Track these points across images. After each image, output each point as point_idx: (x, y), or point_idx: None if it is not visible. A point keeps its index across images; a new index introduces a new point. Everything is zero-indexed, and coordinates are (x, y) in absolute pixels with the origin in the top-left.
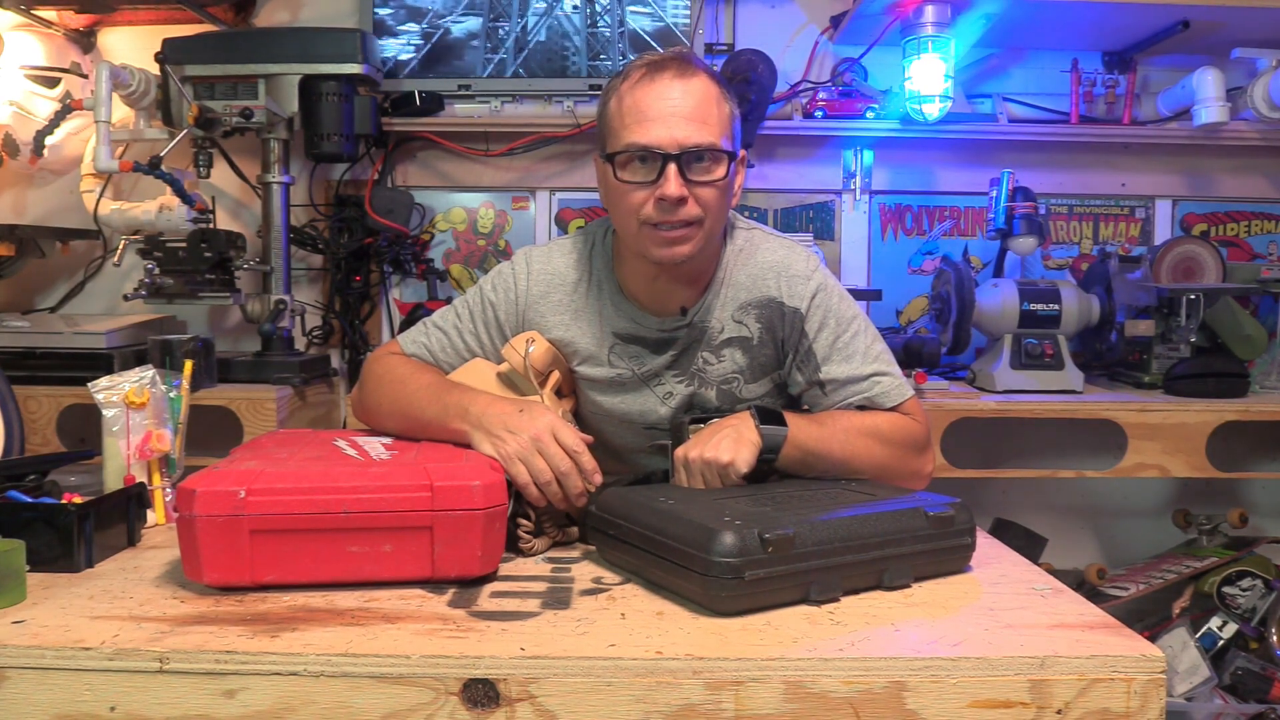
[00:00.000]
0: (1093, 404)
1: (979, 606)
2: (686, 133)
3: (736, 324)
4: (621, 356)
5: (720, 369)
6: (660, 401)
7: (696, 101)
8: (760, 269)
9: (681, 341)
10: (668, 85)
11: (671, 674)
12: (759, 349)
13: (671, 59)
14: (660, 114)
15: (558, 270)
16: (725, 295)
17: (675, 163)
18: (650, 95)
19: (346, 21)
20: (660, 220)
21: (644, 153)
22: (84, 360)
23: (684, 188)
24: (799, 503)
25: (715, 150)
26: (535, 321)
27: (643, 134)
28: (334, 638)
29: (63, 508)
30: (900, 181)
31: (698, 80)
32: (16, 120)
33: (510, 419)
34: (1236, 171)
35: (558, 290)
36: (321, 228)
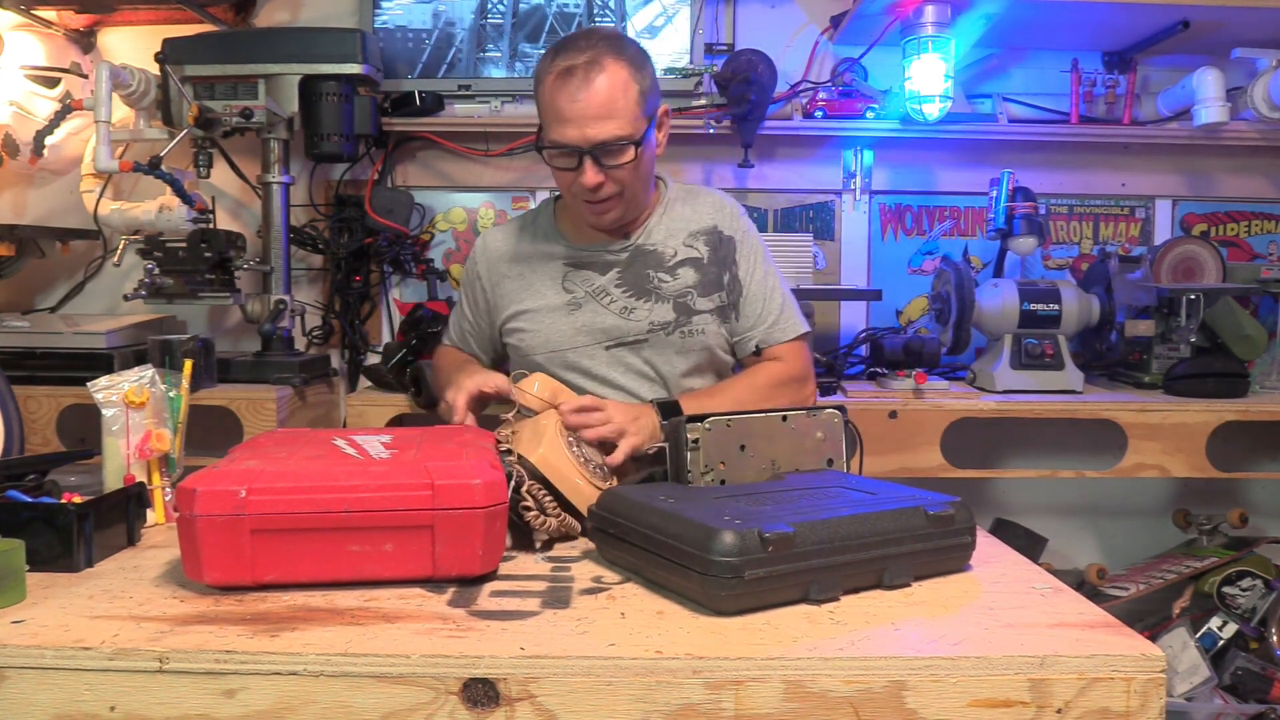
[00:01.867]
0: (1093, 404)
1: (979, 606)
2: (595, 130)
3: (688, 247)
4: (574, 281)
5: (675, 285)
6: (618, 318)
7: (602, 99)
8: (703, 206)
9: (625, 261)
10: (576, 88)
11: (671, 673)
12: (708, 267)
13: (581, 63)
14: (571, 115)
15: (509, 234)
16: (669, 225)
17: (589, 156)
18: (562, 98)
19: (346, 21)
20: (587, 198)
21: (563, 149)
22: (84, 360)
23: (599, 174)
24: (799, 502)
25: (621, 140)
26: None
27: (560, 133)
28: (334, 637)
29: (62, 507)
30: (900, 181)
31: (603, 77)
32: (16, 120)
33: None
34: (1236, 171)
35: (507, 251)
36: (321, 228)
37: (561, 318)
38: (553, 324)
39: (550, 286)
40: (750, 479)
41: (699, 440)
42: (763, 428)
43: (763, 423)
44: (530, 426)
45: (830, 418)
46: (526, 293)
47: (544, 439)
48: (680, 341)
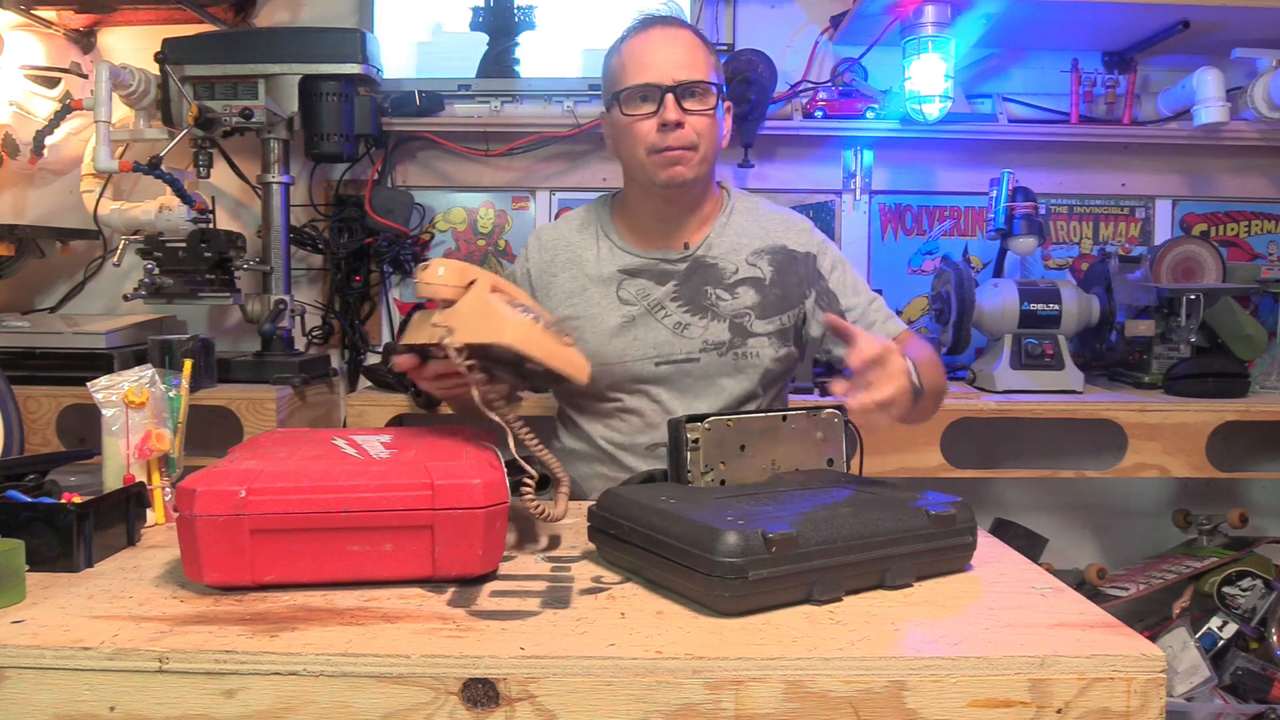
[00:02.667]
0: (1093, 404)
1: (979, 606)
2: (679, 70)
3: (750, 265)
4: (629, 291)
5: (734, 305)
6: (672, 333)
7: (685, 46)
8: (770, 222)
9: (684, 273)
10: (660, 34)
11: (671, 673)
12: (770, 289)
13: (659, 16)
14: (655, 58)
15: (562, 233)
16: (731, 240)
17: (672, 93)
18: (643, 44)
19: (346, 21)
20: (663, 145)
21: (645, 90)
22: (84, 360)
23: (680, 114)
24: (801, 502)
25: (705, 84)
26: (548, 280)
27: (642, 74)
28: (334, 637)
29: (62, 507)
30: (900, 181)
31: (684, 31)
32: (16, 120)
33: None
34: (1236, 171)
35: (565, 249)
36: (321, 228)
37: (613, 329)
38: (603, 335)
39: (604, 295)
40: (750, 479)
41: (699, 440)
42: (763, 428)
43: (763, 423)
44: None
45: (830, 418)
46: (579, 298)
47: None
48: (733, 363)
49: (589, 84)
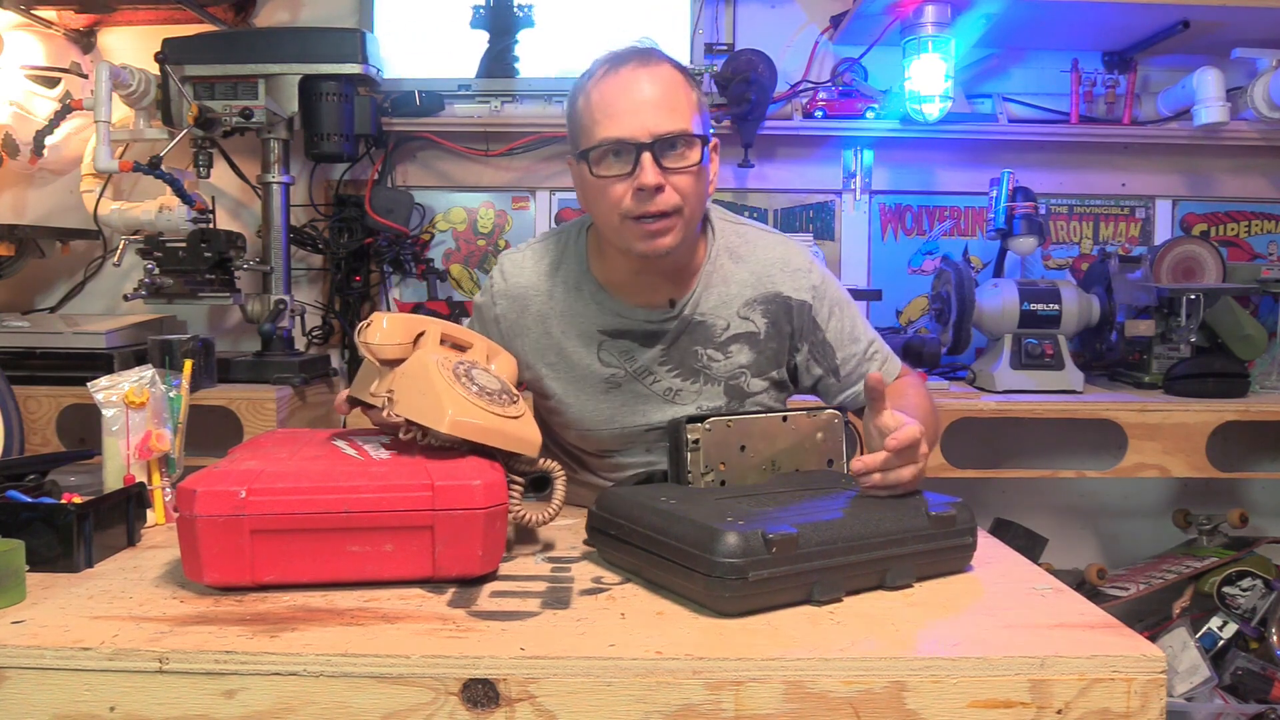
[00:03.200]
0: (1093, 404)
1: (979, 606)
2: (656, 120)
3: (743, 320)
4: (611, 353)
5: (727, 365)
6: (662, 399)
7: (663, 89)
8: (762, 266)
9: (671, 334)
10: (632, 76)
11: (671, 674)
12: (765, 343)
13: (632, 52)
14: (628, 106)
15: (531, 280)
16: (719, 291)
17: (649, 151)
18: (615, 88)
19: (346, 21)
20: (640, 212)
21: (617, 145)
22: (84, 360)
23: (660, 175)
24: (801, 503)
25: (687, 135)
26: (518, 331)
27: (614, 127)
28: (334, 638)
29: (62, 508)
30: (900, 181)
31: (661, 69)
32: (16, 120)
33: None
34: (1236, 171)
35: (535, 300)
36: (321, 228)
37: (597, 395)
38: (585, 401)
39: (583, 356)
40: (750, 479)
41: (699, 440)
42: (763, 428)
43: (763, 423)
44: (408, 379)
45: (830, 418)
46: (556, 357)
47: (439, 393)
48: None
49: None
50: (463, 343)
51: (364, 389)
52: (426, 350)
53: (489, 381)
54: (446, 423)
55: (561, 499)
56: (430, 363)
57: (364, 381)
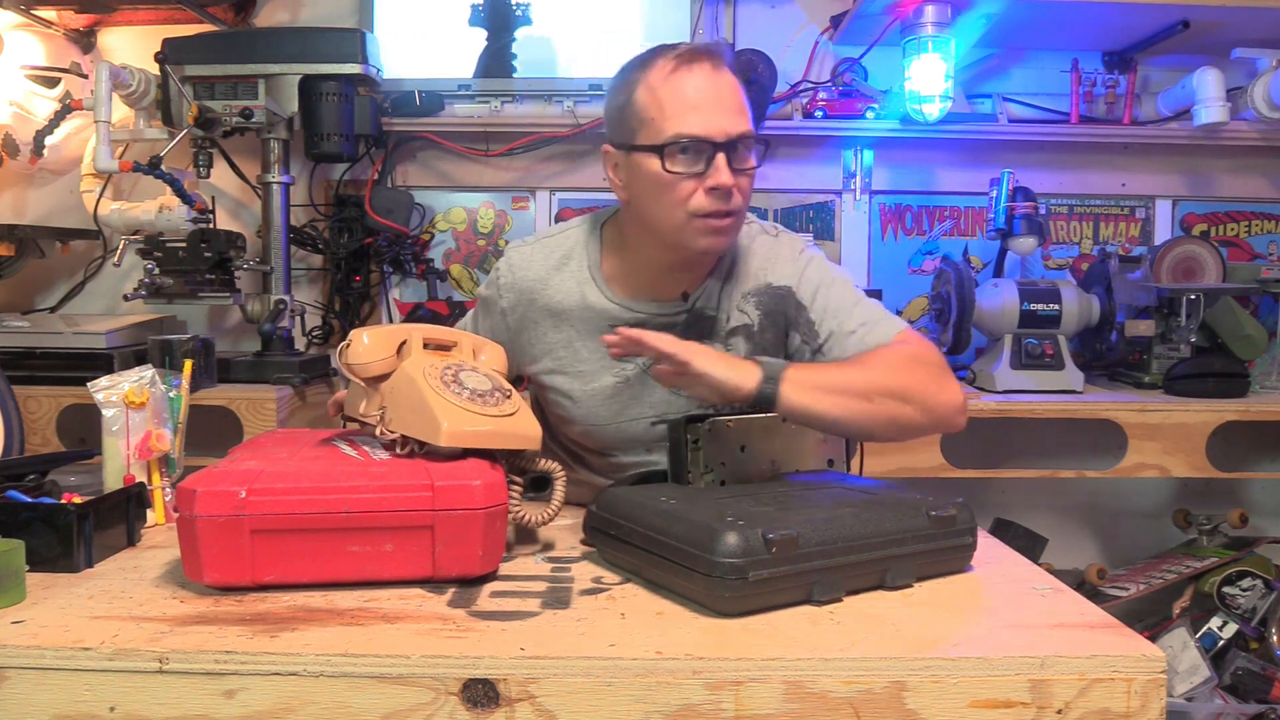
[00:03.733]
0: (1093, 404)
1: (979, 606)
2: (732, 121)
3: (740, 313)
4: None
5: None
6: (669, 392)
7: (734, 91)
8: (758, 260)
9: (681, 326)
10: (708, 76)
11: (671, 674)
12: (760, 334)
13: (703, 50)
14: (706, 103)
15: (539, 274)
16: (727, 286)
17: (724, 152)
18: (690, 85)
19: (346, 21)
20: (712, 210)
21: (695, 143)
22: (84, 360)
23: (732, 177)
24: (801, 503)
25: (751, 139)
26: (526, 325)
27: (691, 124)
28: (334, 638)
29: (62, 508)
30: (900, 181)
31: (726, 70)
32: (16, 120)
33: None
34: (1236, 171)
35: (543, 294)
36: (321, 228)
37: (607, 389)
38: (596, 395)
39: (593, 351)
40: (750, 479)
41: (699, 440)
42: (763, 428)
43: (763, 423)
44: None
45: None
46: (566, 352)
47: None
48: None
49: (589, 84)
50: (446, 343)
51: (355, 408)
52: (412, 361)
53: (479, 382)
54: (443, 436)
55: (561, 499)
56: (418, 375)
57: (354, 400)
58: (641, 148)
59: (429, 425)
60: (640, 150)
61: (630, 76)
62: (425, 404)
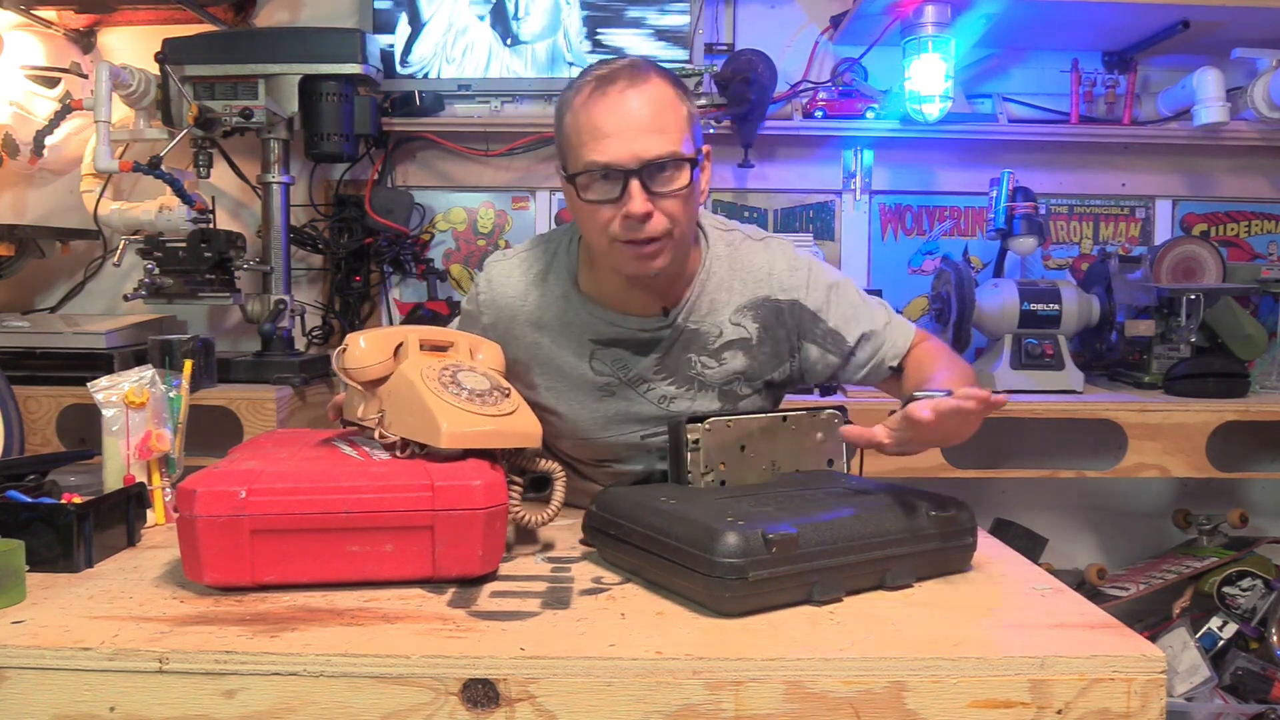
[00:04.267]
0: (1093, 404)
1: (979, 606)
2: (645, 145)
3: (735, 326)
4: (604, 362)
5: (721, 371)
6: (656, 407)
7: (652, 110)
8: (752, 272)
9: (665, 342)
10: (620, 97)
11: (671, 674)
12: (758, 347)
13: (622, 68)
14: (616, 129)
15: (519, 289)
16: (711, 299)
17: (637, 178)
18: (603, 110)
19: (346, 21)
20: (629, 238)
21: (605, 170)
22: (84, 360)
23: (649, 203)
24: (801, 503)
25: (677, 159)
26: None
27: (601, 151)
28: (334, 638)
29: (62, 508)
30: (900, 181)
31: (650, 86)
32: (16, 120)
33: None
34: (1236, 171)
35: (523, 309)
36: (321, 228)
37: (590, 403)
38: (580, 410)
39: (575, 366)
40: (750, 479)
41: (699, 440)
42: (763, 428)
43: (763, 423)
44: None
45: (830, 418)
46: (548, 366)
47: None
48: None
49: None
50: (443, 343)
51: (353, 411)
52: (409, 363)
53: (477, 382)
54: (444, 438)
55: (561, 499)
56: (415, 377)
57: (352, 404)
58: (567, 175)
59: (429, 427)
60: (566, 178)
61: (561, 102)
62: (424, 406)
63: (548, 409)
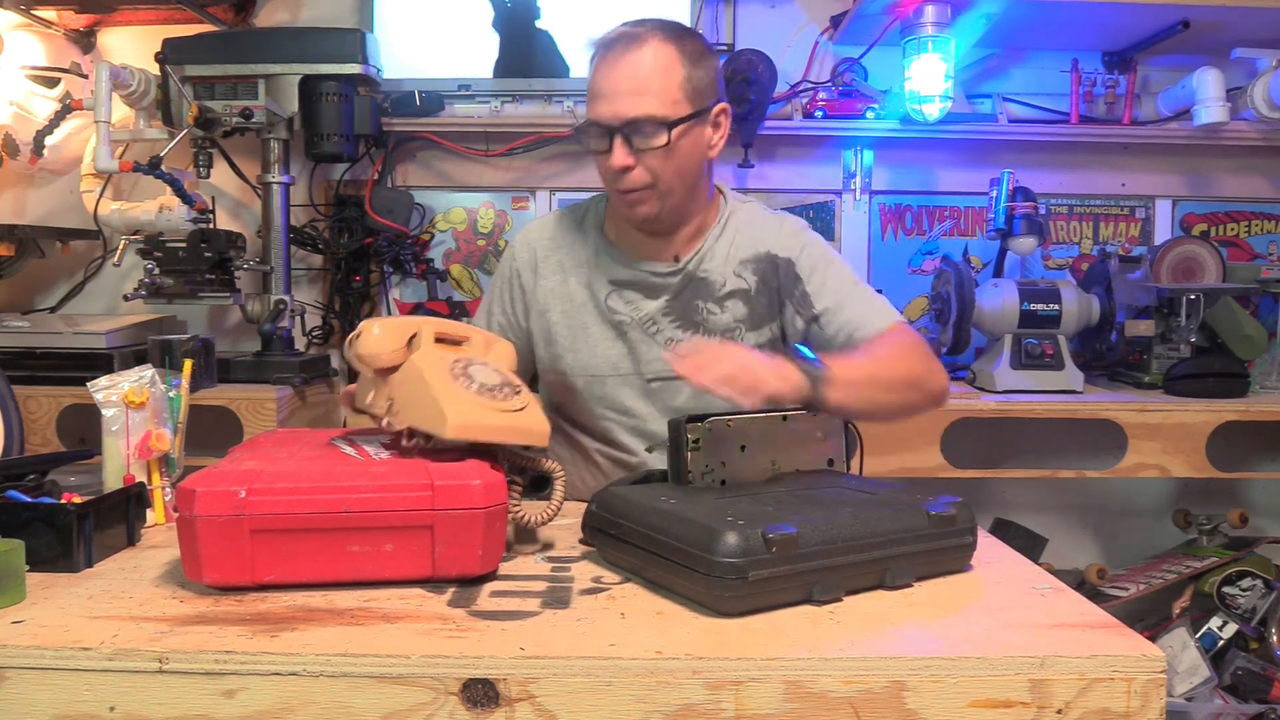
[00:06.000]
0: (1093, 404)
1: (979, 606)
2: (627, 105)
3: (736, 277)
4: (619, 302)
5: (723, 319)
6: (664, 349)
7: (641, 73)
8: (760, 229)
9: (675, 287)
10: (613, 61)
11: (671, 674)
12: (756, 299)
13: (622, 33)
14: (605, 90)
15: (551, 234)
16: (722, 252)
17: (619, 135)
18: (599, 73)
19: (346, 21)
20: (617, 187)
21: (595, 127)
22: (84, 360)
23: (630, 157)
24: (801, 503)
25: (653, 120)
26: (538, 280)
27: (594, 109)
28: (334, 638)
29: (62, 507)
30: (900, 181)
31: (644, 50)
32: (16, 120)
33: None
34: (1236, 171)
35: (552, 252)
36: (321, 228)
37: (602, 341)
38: (593, 347)
39: (593, 304)
40: (750, 479)
41: (699, 440)
42: (763, 428)
43: (763, 423)
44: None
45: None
46: (569, 303)
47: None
48: None
49: None
50: (458, 338)
51: (363, 399)
52: (421, 353)
53: (489, 376)
54: (449, 428)
55: (562, 499)
56: (426, 367)
57: (363, 392)
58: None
59: (436, 417)
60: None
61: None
62: (432, 395)
63: (562, 347)
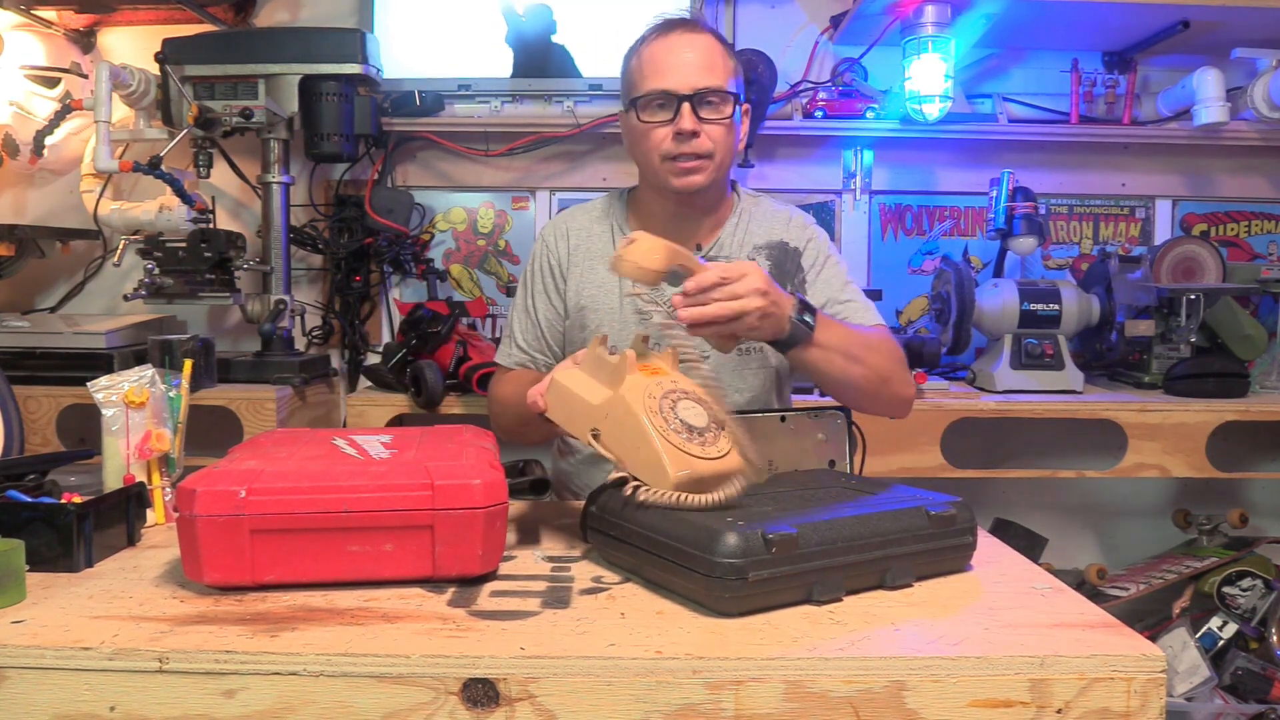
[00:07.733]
0: (1093, 404)
1: (979, 606)
2: (699, 77)
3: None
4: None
5: None
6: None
7: (705, 52)
8: (770, 218)
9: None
10: (679, 39)
11: (671, 674)
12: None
13: (681, 19)
14: (675, 63)
15: (582, 224)
16: (740, 240)
17: (689, 102)
18: (664, 48)
19: (346, 21)
20: (677, 153)
21: (662, 96)
22: (84, 360)
23: (697, 123)
24: (801, 503)
25: (723, 92)
26: (569, 270)
27: (661, 80)
28: (334, 637)
29: (62, 507)
30: (900, 181)
31: (704, 36)
32: (16, 120)
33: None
34: (1236, 171)
35: (584, 240)
36: (321, 228)
37: (629, 326)
38: (620, 330)
39: (619, 290)
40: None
41: None
42: (763, 428)
43: (763, 423)
44: (615, 421)
45: (833, 419)
46: (596, 289)
47: (655, 449)
48: (739, 360)
49: (589, 84)
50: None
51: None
52: (629, 385)
53: (695, 416)
54: (671, 482)
55: None
56: (636, 402)
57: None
58: (628, 105)
59: (655, 469)
60: (629, 107)
61: (630, 50)
62: (648, 443)
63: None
